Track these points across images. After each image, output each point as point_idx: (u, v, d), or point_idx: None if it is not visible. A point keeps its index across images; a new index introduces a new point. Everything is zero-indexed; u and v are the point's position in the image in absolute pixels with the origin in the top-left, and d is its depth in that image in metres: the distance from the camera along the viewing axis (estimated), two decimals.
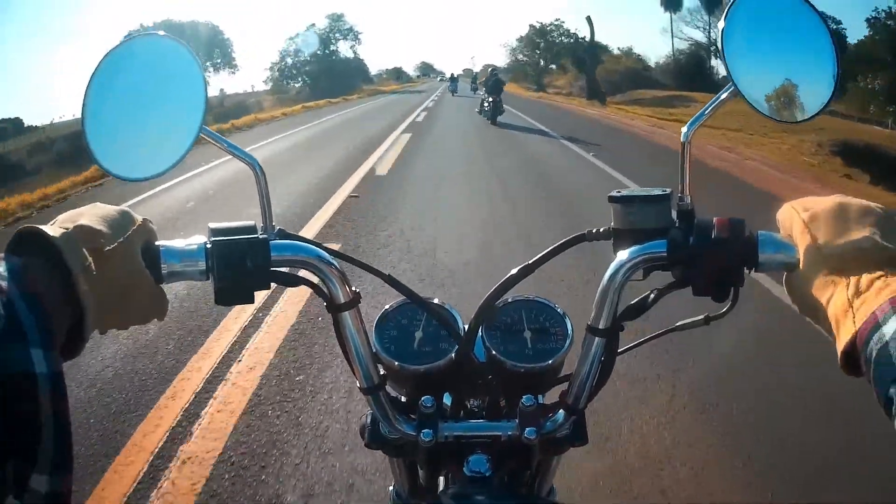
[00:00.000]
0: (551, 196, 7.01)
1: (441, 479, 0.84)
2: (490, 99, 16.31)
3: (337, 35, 58.39)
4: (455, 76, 39.04)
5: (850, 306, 0.50)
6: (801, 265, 0.57)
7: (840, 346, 0.50)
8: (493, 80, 16.30)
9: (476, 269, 4.17)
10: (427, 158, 10.28)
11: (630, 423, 2.43)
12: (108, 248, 0.54)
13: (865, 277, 0.51)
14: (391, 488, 0.92)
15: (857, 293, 0.50)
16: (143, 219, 0.61)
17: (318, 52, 51.64)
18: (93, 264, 0.52)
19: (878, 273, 0.50)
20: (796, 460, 2.20)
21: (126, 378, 2.87)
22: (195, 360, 3.03)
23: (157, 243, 0.61)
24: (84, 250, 0.52)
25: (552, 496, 0.90)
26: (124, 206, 0.61)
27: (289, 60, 54.30)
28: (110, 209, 0.59)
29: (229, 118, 19.85)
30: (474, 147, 12.10)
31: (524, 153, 10.72)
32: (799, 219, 0.58)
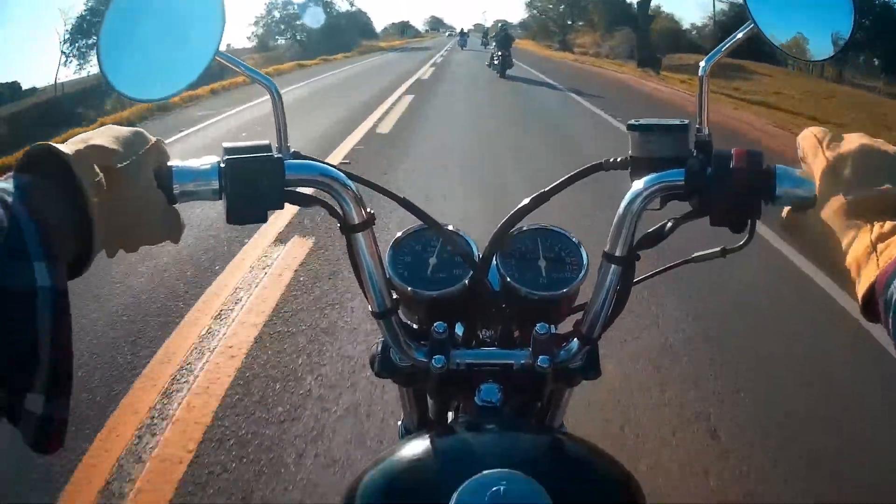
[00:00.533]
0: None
1: (451, 413, 0.85)
2: (500, 53, 16.90)
3: None
4: (465, 31, 42.00)
5: (873, 249, 0.49)
6: (820, 206, 0.55)
7: (861, 289, 0.48)
8: (502, 35, 17.22)
9: None
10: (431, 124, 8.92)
11: None
12: (119, 165, 0.54)
13: (889, 223, 0.49)
14: (400, 422, 0.93)
15: (882, 237, 0.49)
16: (157, 139, 0.61)
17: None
18: (104, 180, 0.52)
19: None
20: None
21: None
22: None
23: (169, 163, 0.61)
24: (95, 167, 0.51)
25: (563, 429, 0.90)
26: (138, 128, 0.61)
27: (276, 14, 42.97)
28: (123, 130, 0.59)
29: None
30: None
31: (536, 115, 9.89)
32: (822, 155, 0.56)
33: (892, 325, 0.45)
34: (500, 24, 21.85)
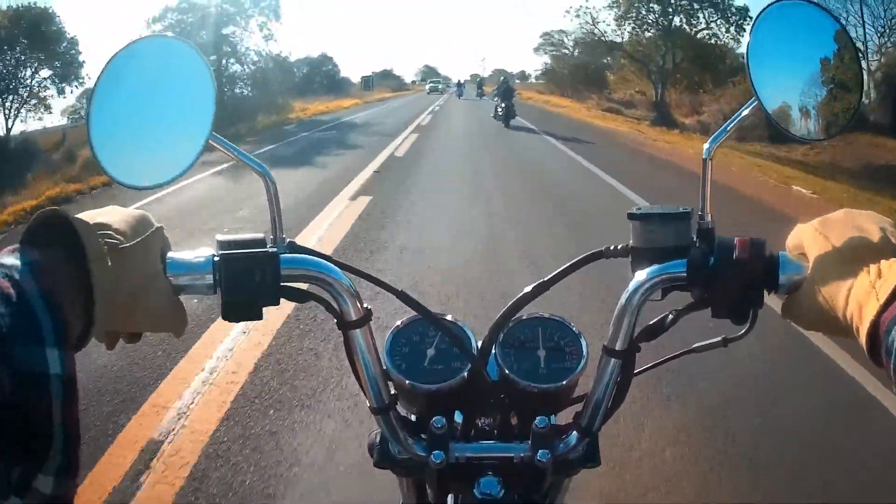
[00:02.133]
0: None
1: (451, 497, 0.82)
2: (503, 104, 17.58)
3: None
4: (461, 82, 47.93)
5: (873, 288, 0.49)
6: (814, 270, 0.56)
7: (864, 329, 0.49)
8: (504, 87, 18.00)
9: None
10: None
11: None
12: (124, 245, 0.53)
13: (885, 263, 0.51)
14: None
15: (880, 275, 0.50)
16: (160, 225, 0.60)
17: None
18: (110, 259, 0.51)
19: None
20: None
21: None
22: None
23: (169, 254, 0.60)
24: (102, 243, 0.51)
25: None
26: (143, 210, 0.60)
27: None
28: (128, 211, 0.58)
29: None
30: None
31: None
32: (810, 228, 0.58)
33: (895, 370, 0.45)
34: (501, 77, 22.55)
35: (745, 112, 0.63)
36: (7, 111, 18.10)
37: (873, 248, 0.53)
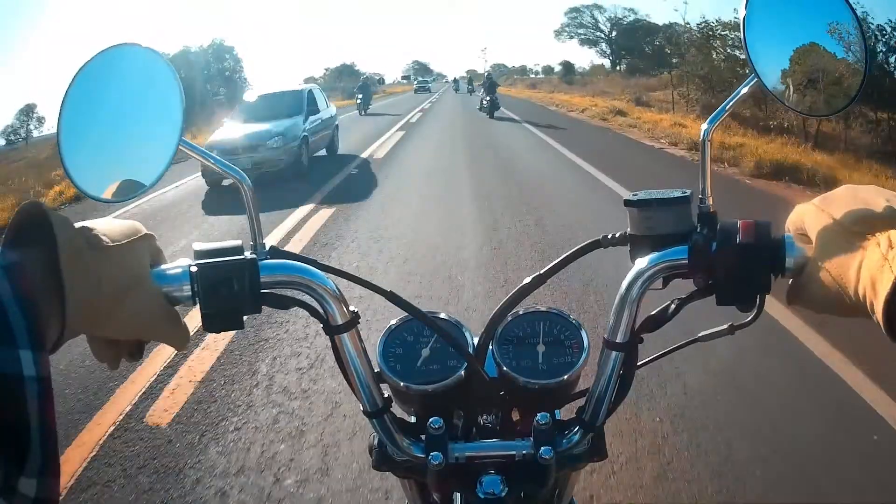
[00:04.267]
0: None
1: (457, 496, 0.80)
2: (487, 97, 20.05)
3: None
4: (457, 78, 58.92)
5: (885, 259, 0.47)
6: (819, 249, 0.53)
7: (880, 304, 0.46)
8: (488, 83, 20.81)
9: None
10: None
11: None
12: (108, 244, 0.53)
13: (895, 232, 0.48)
14: None
15: (891, 246, 0.47)
16: (150, 233, 0.59)
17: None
18: (88, 256, 0.51)
19: None
20: None
21: None
22: None
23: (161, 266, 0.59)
24: (81, 239, 0.51)
25: None
26: (133, 221, 0.59)
27: None
28: (119, 221, 0.58)
29: None
30: None
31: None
32: (811, 207, 0.55)
33: None
34: (486, 73, 25.22)
35: (745, 90, 0.60)
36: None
37: (879, 217, 0.50)
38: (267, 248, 0.63)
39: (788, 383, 2.71)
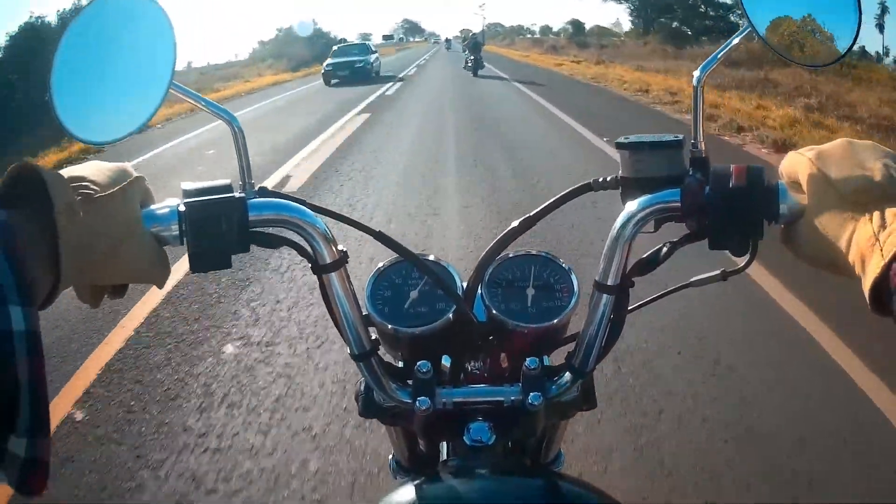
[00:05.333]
0: None
1: (442, 445, 0.82)
2: (472, 57, 20.68)
3: None
4: (449, 38, 60.83)
5: (876, 239, 0.47)
6: (813, 209, 0.53)
7: (867, 283, 0.46)
8: (472, 42, 21.70)
9: None
10: None
11: None
12: (99, 195, 0.52)
13: (889, 210, 0.48)
14: (391, 457, 0.90)
15: (883, 225, 0.47)
16: (140, 175, 0.58)
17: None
18: (81, 209, 0.50)
19: None
20: None
21: None
22: None
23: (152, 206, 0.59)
24: (72, 192, 0.51)
25: (559, 461, 0.89)
26: (122, 163, 0.58)
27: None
28: (108, 164, 0.57)
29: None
30: None
31: None
32: (806, 160, 0.55)
33: None
34: (471, 34, 25.95)
35: (737, 40, 0.60)
36: None
37: (876, 188, 0.50)
38: (256, 188, 0.62)
39: None
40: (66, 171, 0.53)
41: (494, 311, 0.67)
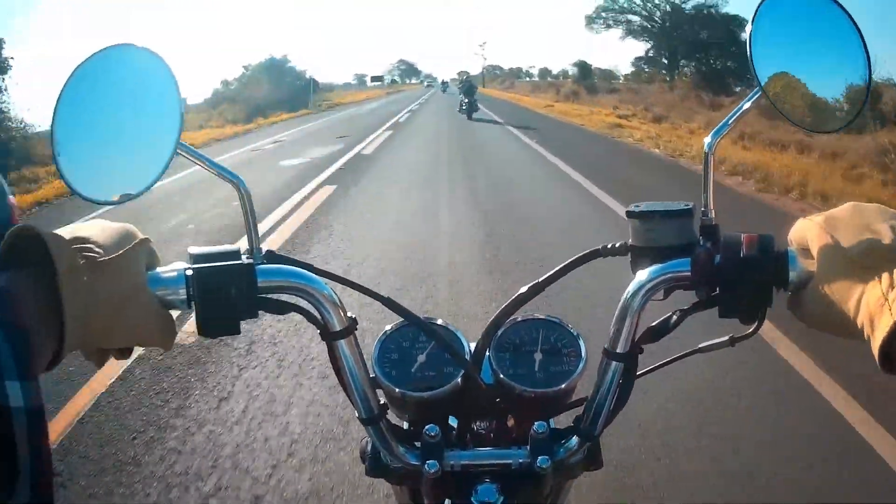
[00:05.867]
0: None
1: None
2: (466, 100, 20.44)
3: None
4: (445, 81, 63.28)
5: (885, 299, 0.47)
6: (822, 273, 0.53)
7: (877, 343, 0.47)
8: (466, 85, 21.27)
9: None
10: None
11: None
12: (102, 259, 0.52)
13: None
14: None
15: (892, 285, 0.47)
16: (145, 237, 0.58)
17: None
18: (85, 274, 0.50)
19: None
20: None
21: None
22: None
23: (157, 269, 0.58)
24: (76, 255, 0.50)
25: None
26: (127, 224, 0.58)
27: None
28: (112, 224, 0.57)
29: None
30: None
31: None
32: (814, 225, 0.55)
33: None
34: (465, 76, 25.98)
35: (748, 105, 0.60)
36: None
37: (884, 250, 0.50)
38: (263, 252, 0.62)
39: None
40: (69, 231, 0.53)
41: (502, 376, 0.67)
